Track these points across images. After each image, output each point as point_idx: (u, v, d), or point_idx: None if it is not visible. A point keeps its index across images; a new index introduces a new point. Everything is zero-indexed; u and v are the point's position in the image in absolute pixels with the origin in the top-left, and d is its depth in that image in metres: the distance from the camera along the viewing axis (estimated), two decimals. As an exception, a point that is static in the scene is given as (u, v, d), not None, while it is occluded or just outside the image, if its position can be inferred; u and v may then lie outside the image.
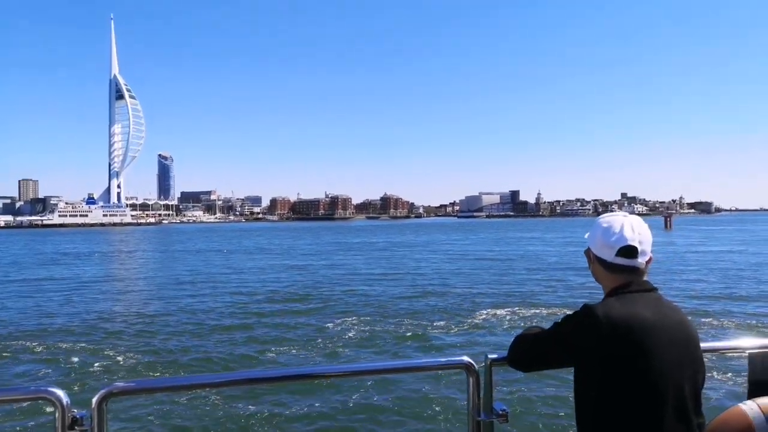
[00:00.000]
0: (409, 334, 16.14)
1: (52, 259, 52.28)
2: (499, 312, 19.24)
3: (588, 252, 2.32)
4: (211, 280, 32.09)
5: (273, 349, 14.49)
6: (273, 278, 32.22)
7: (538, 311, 19.44)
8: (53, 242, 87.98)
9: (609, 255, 2.18)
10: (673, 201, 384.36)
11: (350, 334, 16.06)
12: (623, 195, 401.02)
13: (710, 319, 17.35)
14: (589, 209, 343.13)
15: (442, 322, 17.55)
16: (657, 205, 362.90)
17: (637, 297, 2.10)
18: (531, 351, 2.25)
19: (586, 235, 2.35)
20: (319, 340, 15.31)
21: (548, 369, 2.31)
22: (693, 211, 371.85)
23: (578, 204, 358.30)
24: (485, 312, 19.29)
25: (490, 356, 2.45)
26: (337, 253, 53.90)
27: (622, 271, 2.17)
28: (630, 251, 2.15)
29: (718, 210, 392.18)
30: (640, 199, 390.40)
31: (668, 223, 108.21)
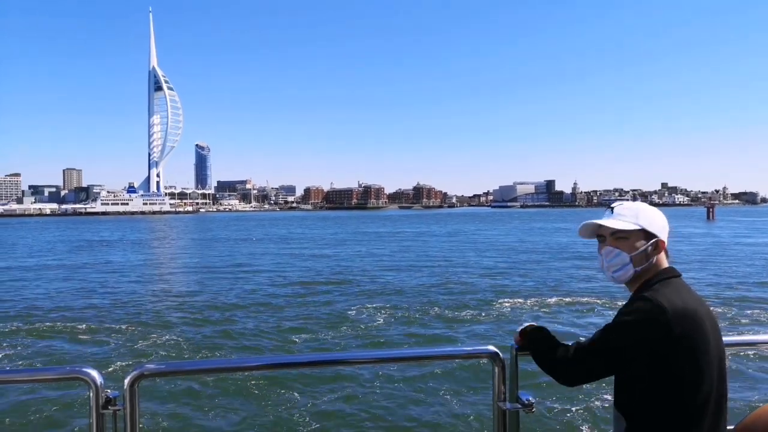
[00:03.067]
0: (432, 322, 16.09)
1: (91, 244, 54.10)
2: (524, 301, 19.04)
3: (658, 241, 2.12)
4: (239, 267, 32.60)
5: (298, 335, 14.64)
6: (300, 266, 32.53)
7: (563, 300, 19.20)
8: (95, 230, 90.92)
9: (665, 239, 2.15)
10: (716, 191, 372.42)
11: (375, 322, 16.10)
12: (663, 185, 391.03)
13: (750, 311, 16.71)
14: (628, 199, 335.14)
15: (467, 311, 17.43)
16: (699, 195, 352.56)
17: (679, 283, 2.07)
18: (581, 361, 2.04)
19: (619, 226, 2.10)
20: (344, 327, 15.40)
21: (601, 376, 2.09)
22: (737, 201, 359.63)
23: (616, 194, 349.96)
24: (510, 301, 19.14)
25: (515, 346, 2.41)
26: (364, 242, 54.12)
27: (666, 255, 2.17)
28: None
29: (764, 200, 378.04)
30: (681, 189, 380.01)
31: (711, 213, 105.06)
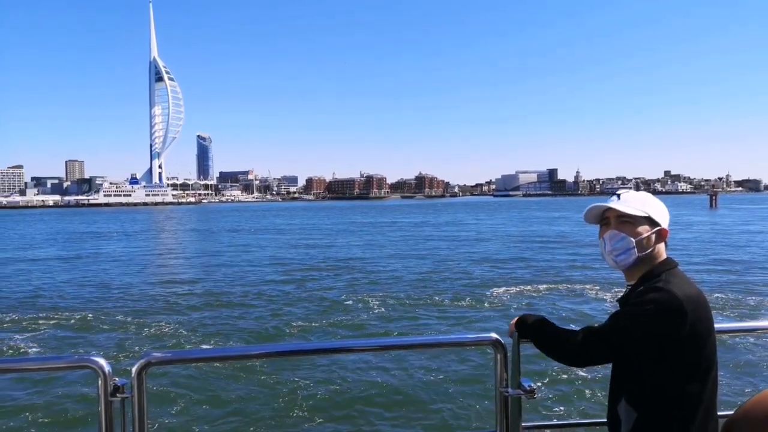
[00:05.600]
0: (432, 310, 16.21)
1: (95, 235, 54.27)
2: (523, 289, 19.19)
3: (661, 230, 2.15)
4: (241, 256, 32.75)
5: (299, 323, 14.76)
6: (299, 256, 32.66)
7: (558, 288, 19.37)
8: (99, 221, 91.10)
9: (666, 227, 2.17)
10: (719, 179, 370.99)
11: (374, 311, 16.20)
12: (666, 173, 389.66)
13: (749, 298, 16.79)
14: (631, 188, 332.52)
15: (465, 300, 17.55)
16: (702, 183, 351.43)
17: (680, 273, 2.09)
18: (594, 346, 2.06)
19: (634, 210, 2.13)
20: (345, 316, 15.53)
21: (610, 361, 2.15)
22: (740, 189, 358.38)
23: (619, 182, 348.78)
24: (510, 289, 19.26)
25: (517, 333, 2.44)
26: (363, 233, 54.16)
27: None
28: None
29: (767, 188, 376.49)
30: (684, 177, 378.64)
31: (713, 201, 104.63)
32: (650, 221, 2.13)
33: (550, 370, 9.76)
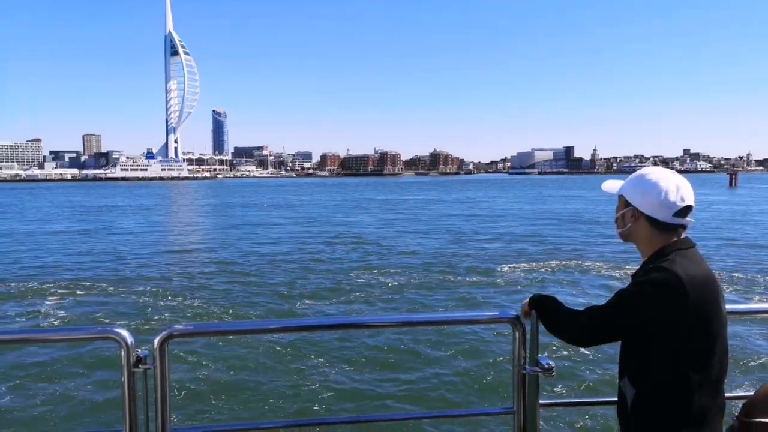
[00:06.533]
0: (445, 287, 16.28)
1: (117, 209, 54.97)
2: (537, 266, 19.19)
3: (632, 211, 2.16)
4: (253, 231, 33.06)
5: (314, 299, 14.90)
6: (313, 230, 32.82)
7: (572, 265, 19.39)
8: (117, 194, 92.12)
9: (665, 215, 2.09)
10: (740, 158, 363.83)
11: (387, 287, 16.28)
12: (685, 151, 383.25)
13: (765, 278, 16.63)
14: (649, 166, 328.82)
15: (482, 278, 17.57)
16: (722, 162, 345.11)
17: (694, 254, 2.08)
18: (597, 326, 2.09)
19: (614, 190, 2.26)
20: (359, 292, 15.65)
21: (616, 341, 2.16)
22: (761, 168, 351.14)
23: (637, 160, 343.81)
24: (523, 265, 19.30)
25: (536, 311, 2.45)
26: (374, 209, 54.18)
27: (674, 230, 2.10)
28: (688, 210, 2.11)
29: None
30: (703, 156, 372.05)
31: (733, 180, 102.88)
32: (624, 200, 2.21)
33: (568, 348, 9.81)
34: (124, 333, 2.24)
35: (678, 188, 2.08)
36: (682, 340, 1.95)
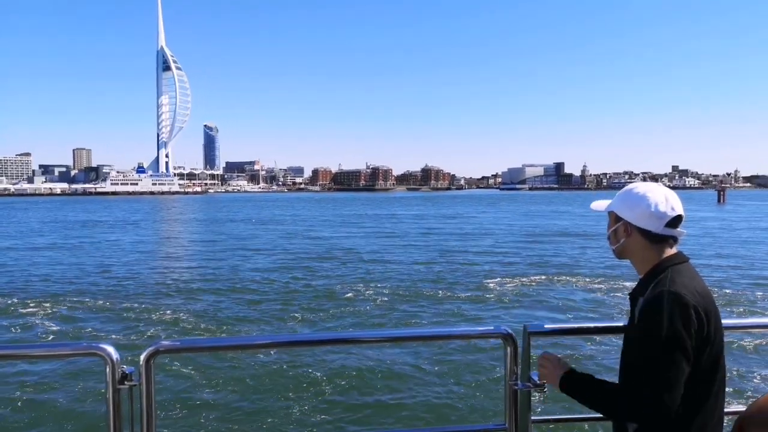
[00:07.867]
0: (434, 302, 16.26)
1: (101, 224, 54.52)
2: (526, 282, 19.25)
3: (624, 226, 2.15)
4: (242, 247, 32.87)
5: (303, 313, 14.84)
6: (302, 247, 32.77)
7: (564, 280, 19.43)
8: (107, 209, 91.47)
9: (657, 226, 2.09)
10: (728, 174, 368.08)
11: (377, 303, 16.22)
12: (674, 168, 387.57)
13: (760, 293, 16.70)
14: (638, 182, 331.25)
15: (471, 293, 17.56)
16: (710, 179, 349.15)
17: (689, 268, 2.07)
18: (668, 383, 1.90)
19: (603, 207, 2.25)
20: (349, 307, 15.60)
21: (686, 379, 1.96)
22: (749, 184, 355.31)
23: (626, 176, 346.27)
24: (512, 280, 19.32)
25: (528, 327, 2.45)
26: (365, 225, 54.19)
27: (666, 241, 2.11)
28: (678, 220, 2.11)
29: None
30: (692, 172, 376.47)
31: (722, 197, 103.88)
32: (614, 216, 2.20)
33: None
34: (110, 349, 2.20)
35: (667, 199, 2.09)
36: (693, 355, 1.93)
